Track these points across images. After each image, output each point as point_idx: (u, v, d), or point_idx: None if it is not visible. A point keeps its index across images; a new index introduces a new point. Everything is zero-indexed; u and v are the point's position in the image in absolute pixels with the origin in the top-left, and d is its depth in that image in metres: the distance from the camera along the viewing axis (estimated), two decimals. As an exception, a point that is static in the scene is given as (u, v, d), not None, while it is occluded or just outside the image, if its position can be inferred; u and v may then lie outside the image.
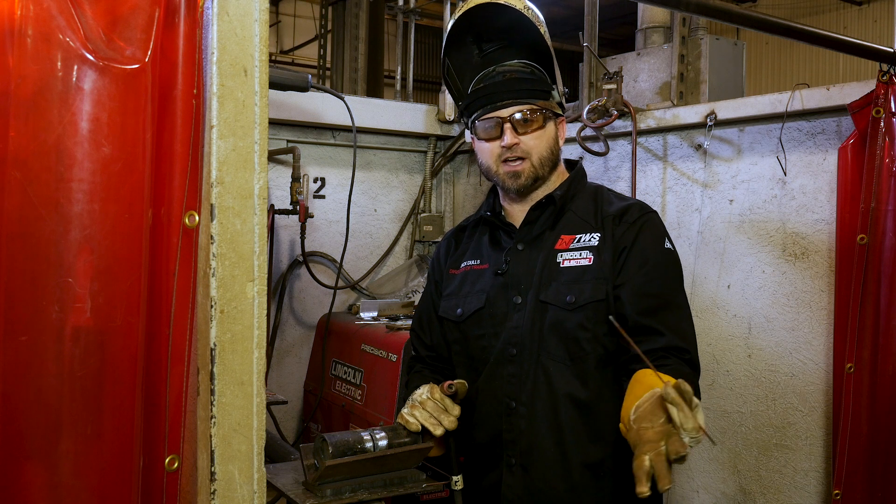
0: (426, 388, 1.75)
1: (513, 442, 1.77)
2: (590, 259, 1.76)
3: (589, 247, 1.78)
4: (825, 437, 2.49)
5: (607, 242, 1.77)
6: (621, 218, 1.79)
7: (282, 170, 3.25)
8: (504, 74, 1.83)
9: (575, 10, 4.53)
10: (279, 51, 12.45)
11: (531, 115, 1.79)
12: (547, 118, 1.82)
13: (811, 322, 2.52)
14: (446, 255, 2.03)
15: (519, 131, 1.80)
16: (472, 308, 1.87)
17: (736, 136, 2.74)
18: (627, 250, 1.75)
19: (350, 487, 1.63)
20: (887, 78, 2.20)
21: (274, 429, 3.16)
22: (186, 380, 1.20)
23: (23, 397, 1.08)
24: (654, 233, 1.78)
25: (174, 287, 1.18)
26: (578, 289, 1.74)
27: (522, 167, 1.81)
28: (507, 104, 1.80)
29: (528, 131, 1.80)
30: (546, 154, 1.83)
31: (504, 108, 1.80)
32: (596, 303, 1.72)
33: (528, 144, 1.80)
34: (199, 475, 1.19)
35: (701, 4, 1.91)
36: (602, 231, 1.79)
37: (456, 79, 1.95)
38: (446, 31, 1.91)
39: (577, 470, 1.74)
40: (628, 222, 1.78)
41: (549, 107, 1.84)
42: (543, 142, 1.82)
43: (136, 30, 1.14)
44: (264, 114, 1.23)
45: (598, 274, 1.74)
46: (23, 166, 1.08)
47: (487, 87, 1.83)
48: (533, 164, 1.81)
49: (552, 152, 1.85)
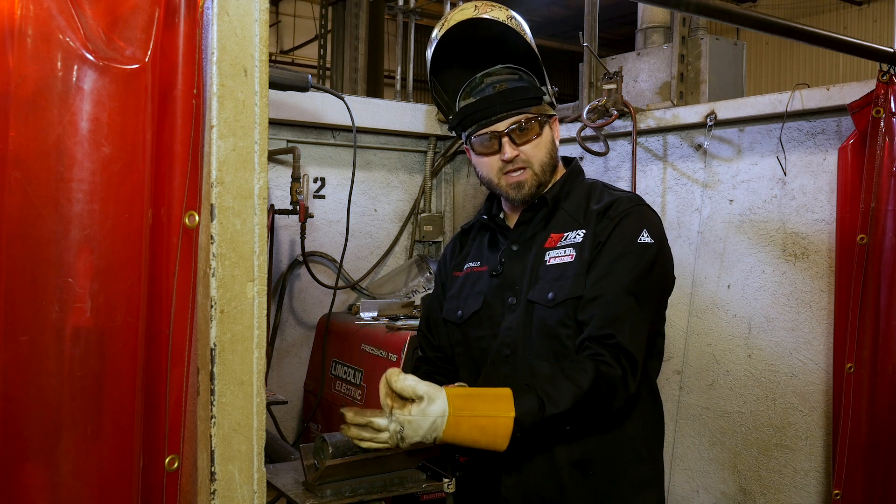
0: None
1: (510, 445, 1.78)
2: (572, 256, 1.76)
3: (573, 244, 1.78)
4: (825, 437, 2.49)
5: (589, 238, 1.76)
6: (605, 213, 1.78)
7: (282, 170, 3.25)
8: (494, 86, 1.81)
9: (575, 10, 4.53)
10: (279, 51, 12.45)
11: (527, 124, 1.79)
12: (542, 124, 1.82)
13: (811, 322, 2.52)
14: (451, 257, 2.05)
15: (517, 143, 1.79)
16: (471, 310, 1.88)
17: (736, 136, 2.74)
18: (602, 245, 1.74)
19: (350, 487, 1.63)
20: (887, 78, 2.20)
21: (274, 429, 3.16)
22: (186, 380, 1.20)
23: (23, 397, 1.08)
24: (633, 226, 1.75)
25: (174, 287, 1.18)
26: (559, 285, 1.74)
27: (525, 177, 1.81)
28: (502, 117, 1.79)
29: (526, 141, 1.80)
30: (546, 160, 1.83)
31: (500, 122, 1.79)
32: (575, 299, 1.72)
33: (528, 154, 1.80)
34: (199, 475, 1.19)
35: (701, 4, 1.91)
36: (587, 227, 1.78)
37: (441, 91, 1.95)
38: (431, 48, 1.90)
39: (565, 469, 1.75)
40: (610, 217, 1.77)
41: (543, 111, 1.83)
42: (542, 148, 1.82)
43: (136, 30, 1.14)
44: (264, 114, 1.23)
45: (578, 270, 1.74)
46: (23, 166, 1.08)
47: (480, 102, 1.81)
48: (535, 172, 1.82)
49: (551, 156, 1.85)
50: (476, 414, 1.55)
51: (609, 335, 1.66)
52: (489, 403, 1.58)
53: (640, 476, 1.82)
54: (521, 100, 1.80)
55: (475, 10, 1.83)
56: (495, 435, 1.56)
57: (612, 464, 1.78)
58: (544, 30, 11.81)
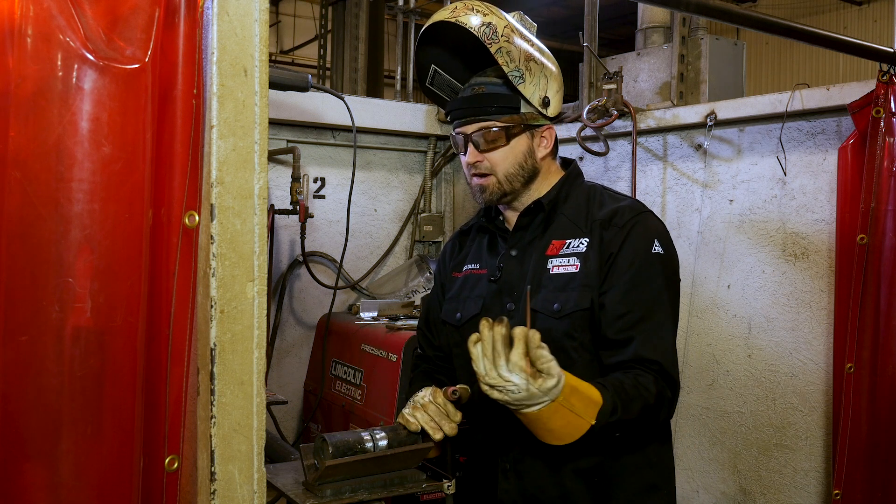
0: (429, 391, 1.73)
1: (506, 448, 1.78)
2: (576, 266, 1.74)
3: (576, 253, 1.76)
4: (825, 437, 2.49)
5: (594, 248, 1.74)
6: (610, 221, 1.76)
7: (282, 170, 3.25)
8: (474, 88, 1.81)
9: (575, 10, 4.53)
10: (279, 51, 12.45)
11: (492, 133, 1.77)
12: (512, 135, 1.78)
13: (811, 322, 2.52)
14: (451, 257, 2.03)
15: (481, 149, 1.78)
16: (470, 313, 1.87)
17: (736, 136, 2.74)
18: (614, 256, 1.72)
19: (350, 487, 1.63)
20: (887, 78, 2.20)
21: (274, 429, 3.16)
22: (186, 380, 1.20)
23: (23, 397, 1.08)
24: (643, 236, 1.74)
25: (174, 287, 1.18)
26: (565, 297, 1.73)
27: (487, 182, 1.80)
28: (470, 121, 1.79)
29: (491, 149, 1.78)
30: (513, 170, 1.80)
31: (467, 125, 1.79)
32: (581, 311, 1.71)
33: (493, 161, 1.79)
34: (199, 475, 1.19)
35: (701, 4, 1.91)
36: (590, 236, 1.76)
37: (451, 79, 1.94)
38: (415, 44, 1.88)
39: (568, 476, 1.74)
40: (617, 226, 1.75)
41: (519, 121, 1.79)
42: (509, 158, 1.79)
43: (137, 30, 1.14)
44: (264, 114, 1.23)
45: (584, 281, 1.72)
46: (23, 166, 1.08)
47: (457, 101, 1.83)
48: (499, 180, 1.80)
49: (521, 167, 1.81)
50: (572, 409, 1.53)
51: (652, 361, 1.66)
52: (584, 404, 1.55)
53: (648, 481, 1.80)
54: (493, 106, 1.78)
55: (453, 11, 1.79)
56: (570, 435, 1.56)
57: (618, 470, 1.76)
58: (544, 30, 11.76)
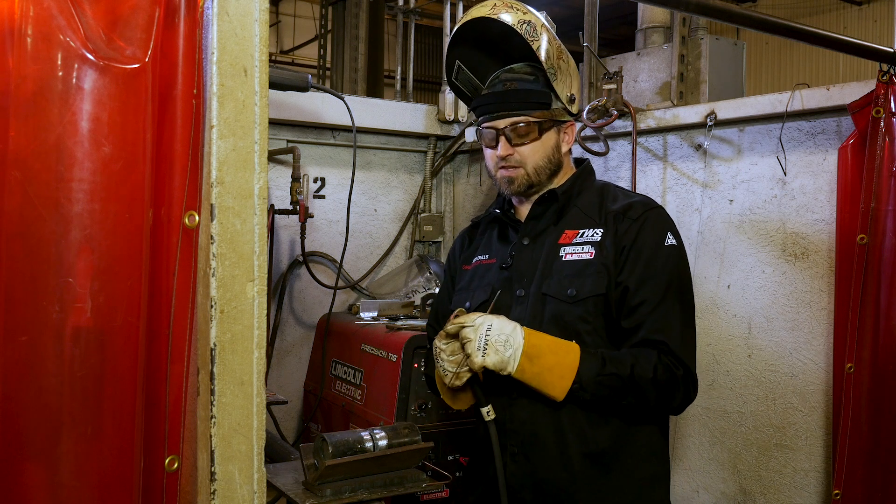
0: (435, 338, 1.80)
1: (515, 432, 1.81)
2: (591, 253, 1.80)
3: (591, 241, 1.82)
4: (825, 437, 2.49)
5: (609, 238, 1.80)
6: (624, 214, 1.83)
7: (282, 170, 3.25)
8: (505, 83, 1.87)
9: (575, 10, 4.53)
10: (279, 51, 12.46)
11: (525, 128, 1.84)
12: (544, 129, 1.86)
13: (811, 322, 2.52)
14: (461, 250, 2.11)
15: (513, 143, 1.85)
16: (479, 300, 1.92)
17: (736, 136, 2.74)
18: (628, 249, 1.78)
19: (350, 487, 1.63)
20: (887, 78, 2.20)
21: (274, 429, 3.16)
22: (186, 380, 1.20)
23: (23, 397, 1.08)
24: (656, 229, 1.81)
25: (174, 287, 1.18)
26: (580, 282, 1.78)
27: (516, 174, 1.87)
28: (503, 115, 1.85)
29: (523, 143, 1.85)
30: (542, 163, 1.87)
31: (500, 119, 1.85)
32: (596, 297, 1.77)
33: (523, 154, 1.85)
34: (199, 475, 1.19)
35: (701, 4, 1.91)
36: (605, 227, 1.83)
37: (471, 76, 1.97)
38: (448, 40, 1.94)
39: (577, 459, 1.77)
40: (631, 219, 1.81)
41: (549, 116, 1.86)
42: (539, 152, 1.87)
43: (137, 30, 1.14)
44: (264, 114, 1.23)
45: (599, 268, 1.78)
46: (23, 166, 1.08)
47: (488, 97, 1.88)
48: (528, 173, 1.87)
49: (549, 161, 1.89)
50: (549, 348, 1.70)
51: (660, 342, 1.72)
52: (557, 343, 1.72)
53: (652, 471, 1.85)
54: (525, 101, 1.84)
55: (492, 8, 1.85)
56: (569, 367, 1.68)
57: (626, 458, 1.80)
58: (544, 30, 11.78)
